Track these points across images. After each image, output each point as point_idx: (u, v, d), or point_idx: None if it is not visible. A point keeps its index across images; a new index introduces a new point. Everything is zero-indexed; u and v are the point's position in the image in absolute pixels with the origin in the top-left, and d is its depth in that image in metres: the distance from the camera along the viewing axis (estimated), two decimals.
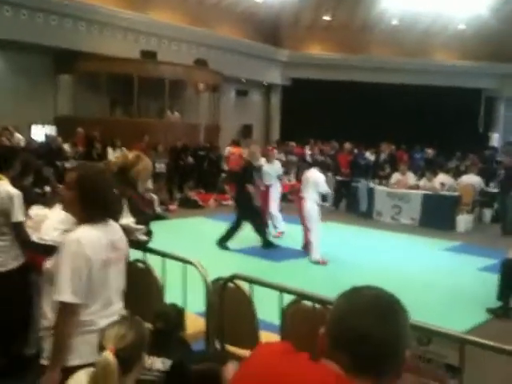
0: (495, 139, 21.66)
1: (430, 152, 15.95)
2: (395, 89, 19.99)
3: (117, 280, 2.41)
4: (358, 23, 20.57)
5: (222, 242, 8.53)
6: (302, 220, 8.27)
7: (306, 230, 8.17)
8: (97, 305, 2.30)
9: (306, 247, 8.22)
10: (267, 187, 9.60)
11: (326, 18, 20.96)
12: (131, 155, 4.01)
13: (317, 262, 7.74)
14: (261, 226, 8.68)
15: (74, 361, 2.23)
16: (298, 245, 8.55)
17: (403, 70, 20.36)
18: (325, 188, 8.04)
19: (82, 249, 2.24)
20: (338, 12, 20.42)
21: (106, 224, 2.39)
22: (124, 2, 16.13)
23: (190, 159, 14.43)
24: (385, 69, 20.45)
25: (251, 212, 8.50)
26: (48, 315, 2.35)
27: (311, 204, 7.92)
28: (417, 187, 11.62)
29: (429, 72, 20.40)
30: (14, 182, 3.95)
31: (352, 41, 20.97)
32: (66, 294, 2.20)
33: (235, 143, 15.88)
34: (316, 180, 7.92)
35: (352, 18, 20.42)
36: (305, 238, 8.33)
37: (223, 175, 14.95)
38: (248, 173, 8.71)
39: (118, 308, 2.41)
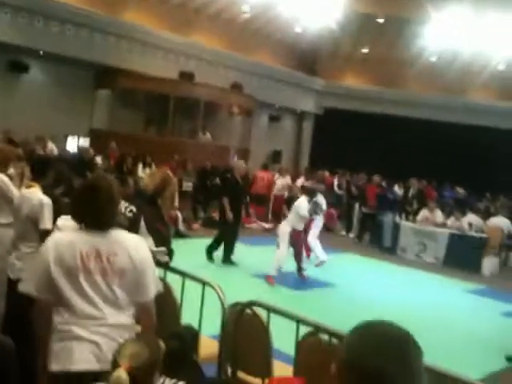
0: None
1: (460, 191, 15.70)
2: (429, 124, 19.84)
3: (109, 292, 2.25)
4: (396, 58, 20.56)
5: (227, 259, 8.68)
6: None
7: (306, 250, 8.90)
8: (70, 311, 2.21)
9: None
10: (311, 220, 9.72)
11: (364, 50, 21.08)
12: (158, 176, 4.08)
13: (267, 277, 7.86)
14: (228, 243, 8.74)
15: (52, 365, 2.21)
16: (321, 275, 8.51)
17: (439, 107, 20.20)
18: (304, 212, 8.23)
19: (46, 249, 2.29)
20: (377, 46, 20.50)
21: (99, 232, 2.30)
22: (168, 23, 16.53)
23: (217, 180, 14.50)
24: (420, 104, 20.34)
25: (227, 226, 8.67)
26: None
27: (285, 226, 8.22)
28: (444, 225, 11.45)
29: (465, 110, 20.19)
30: (46, 191, 4.05)
31: (388, 74, 20.96)
32: (25, 285, 2.30)
33: (264, 167, 15.94)
34: (297, 207, 8.24)
35: (390, 52, 20.43)
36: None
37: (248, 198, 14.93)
38: (229, 187, 9.06)
39: (115, 321, 2.25)
